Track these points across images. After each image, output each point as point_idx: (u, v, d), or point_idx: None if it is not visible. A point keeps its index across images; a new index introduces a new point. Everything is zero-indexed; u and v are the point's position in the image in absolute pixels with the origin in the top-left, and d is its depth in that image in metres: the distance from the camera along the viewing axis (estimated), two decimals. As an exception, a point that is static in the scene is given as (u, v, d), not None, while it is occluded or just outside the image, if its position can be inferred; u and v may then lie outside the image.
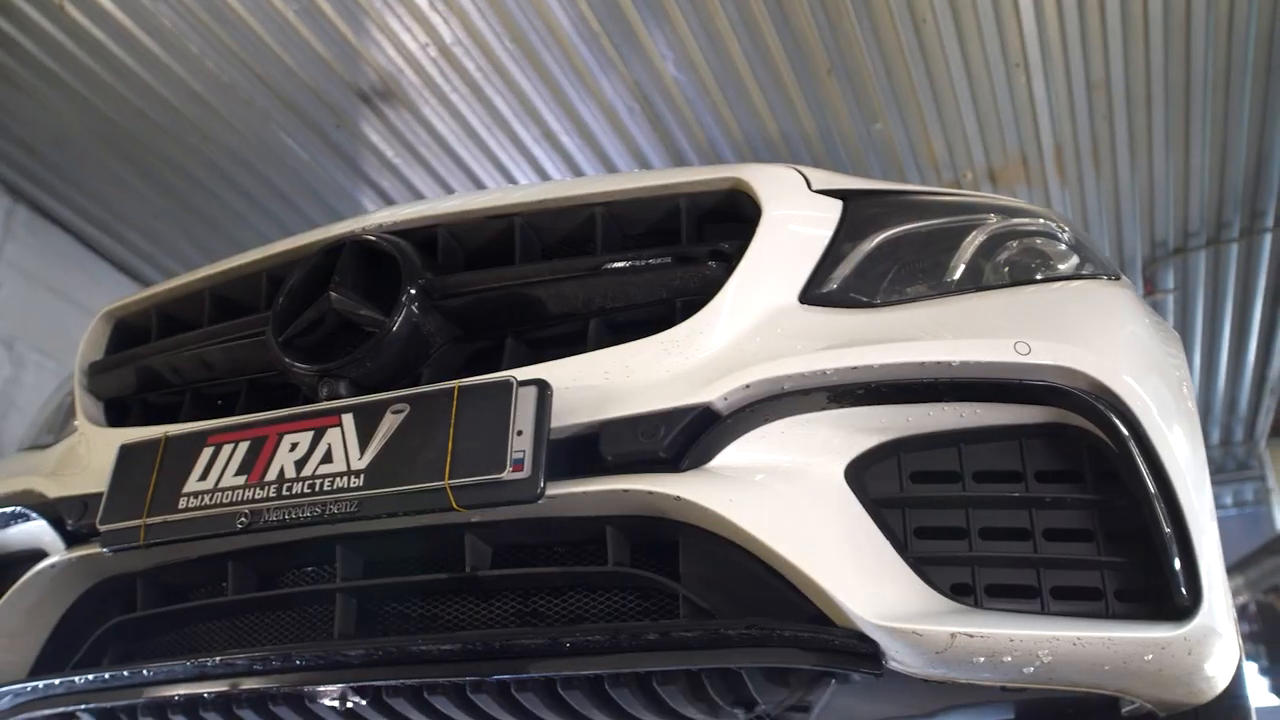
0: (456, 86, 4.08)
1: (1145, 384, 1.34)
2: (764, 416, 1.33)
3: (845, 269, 1.48)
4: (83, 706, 1.49)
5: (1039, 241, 1.56)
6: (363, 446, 1.35)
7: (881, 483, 1.35)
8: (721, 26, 3.79)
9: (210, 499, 1.40)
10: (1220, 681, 1.33)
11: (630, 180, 1.58)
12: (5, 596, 1.58)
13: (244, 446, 1.42)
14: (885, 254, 1.50)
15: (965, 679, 1.25)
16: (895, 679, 1.34)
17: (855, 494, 1.32)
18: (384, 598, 1.44)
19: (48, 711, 1.56)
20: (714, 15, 3.74)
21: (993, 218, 1.56)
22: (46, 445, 1.83)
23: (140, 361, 1.72)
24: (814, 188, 1.54)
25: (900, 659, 1.24)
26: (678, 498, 1.26)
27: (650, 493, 1.27)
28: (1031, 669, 1.24)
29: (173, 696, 1.42)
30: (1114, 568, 1.30)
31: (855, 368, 1.33)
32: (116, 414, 1.77)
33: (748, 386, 1.33)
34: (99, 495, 1.53)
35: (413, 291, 1.48)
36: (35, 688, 1.49)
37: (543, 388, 1.32)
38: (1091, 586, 1.30)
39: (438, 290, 1.50)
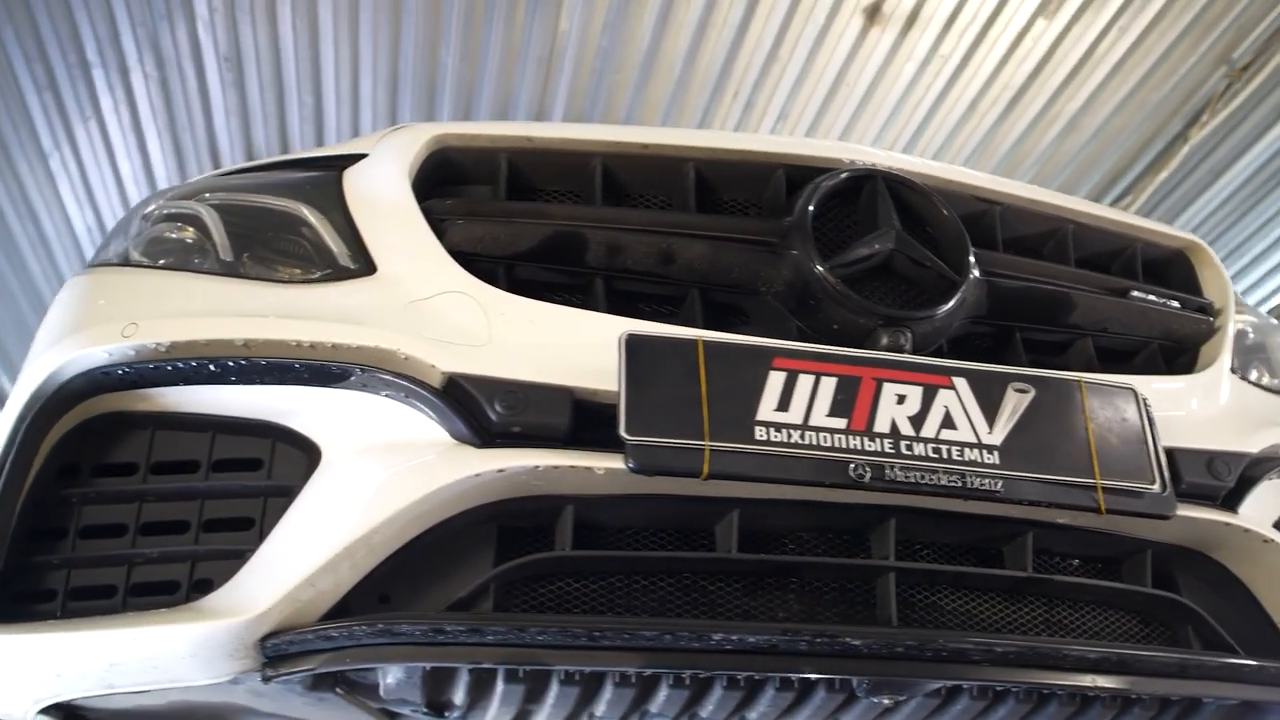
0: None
1: None
2: (1266, 475, 1.44)
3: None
4: (527, 665, 1.14)
5: None
6: (989, 420, 1.23)
7: None
8: (682, 15, 3.73)
9: (802, 437, 1.17)
10: None
11: (1093, 206, 1.61)
12: (408, 503, 1.14)
13: (829, 383, 1.21)
14: (1240, 338, 1.69)
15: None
16: None
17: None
18: (917, 585, 1.30)
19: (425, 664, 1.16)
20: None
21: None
22: (294, 281, 1.30)
23: (552, 222, 1.33)
24: None
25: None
26: (1267, 539, 1.33)
27: (1246, 530, 1.32)
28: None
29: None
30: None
31: (1331, 448, 1.50)
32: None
33: (1275, 445, 1.43)
34: (537, 386, 1.21)
35: (971, 261, 1.37)
36: (469, 631, 1.10)
37: (1142, 401, 1.31)
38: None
39: (990, 264, 1.40)
